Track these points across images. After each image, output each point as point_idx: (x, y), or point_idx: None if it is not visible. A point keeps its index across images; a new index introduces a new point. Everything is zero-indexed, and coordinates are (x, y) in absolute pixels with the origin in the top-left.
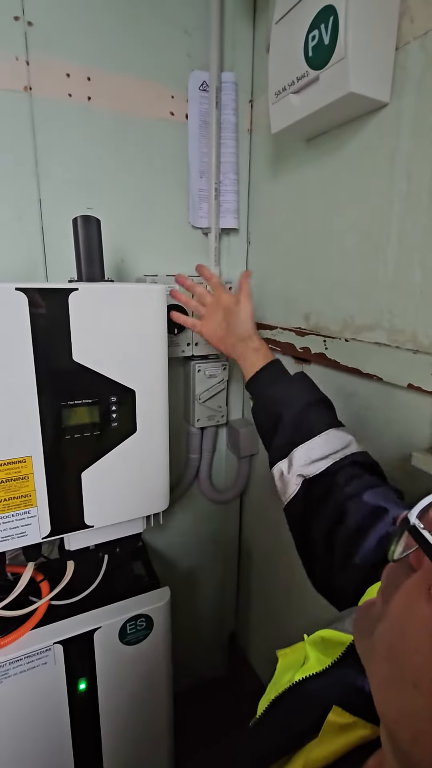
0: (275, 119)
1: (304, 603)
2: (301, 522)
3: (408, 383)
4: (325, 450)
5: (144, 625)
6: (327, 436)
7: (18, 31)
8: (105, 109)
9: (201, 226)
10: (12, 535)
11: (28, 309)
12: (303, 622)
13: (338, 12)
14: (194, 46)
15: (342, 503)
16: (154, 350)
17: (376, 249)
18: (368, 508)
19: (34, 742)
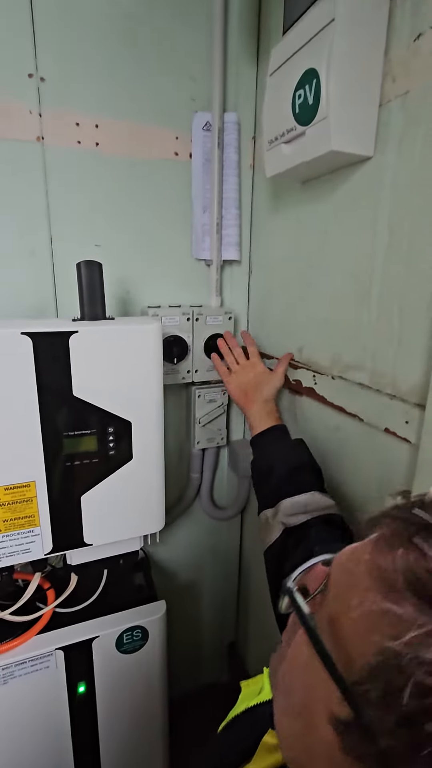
0: (269, 165)
1: None
2: (276, 564)
3: (385, 427)
4: (307, 506)
5: (140, 636)
6: (312, 495)
7: (32, 86)
8: (112, 153)
9: (204, 258)
10: (17, 551)
11: (32, 350)
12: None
13: (320, 75)
14: (198, 90)
15: (309, 554)
16: (150, 384)
17: (363, 292)
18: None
19: (37, 739)
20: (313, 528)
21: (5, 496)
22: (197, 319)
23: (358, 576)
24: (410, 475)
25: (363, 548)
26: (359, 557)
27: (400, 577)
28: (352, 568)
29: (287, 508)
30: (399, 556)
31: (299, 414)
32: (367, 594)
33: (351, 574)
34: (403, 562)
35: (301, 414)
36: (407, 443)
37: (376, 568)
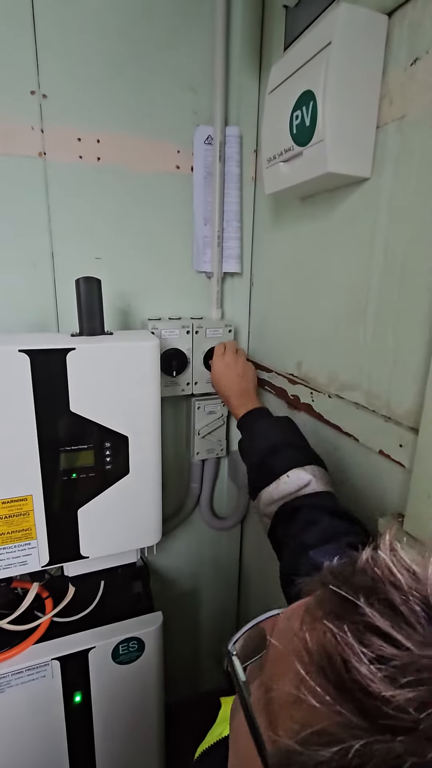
0: (268, 183)
1: None
2: (277, 548)
3: (379, 449)
4: (280, 493)
5: (136, 647)
6: (287, 478)
7: (34, 103)
8: (114, 168)
9: (204, 271)
10: (14, 564)
11: (29, 367)
12: None
13: (317, 98)
14: (200, 103)
15: (296, 555)
16: (147, 400)
17: (359, 311)
18: (314, 567)
19: (33, 748)
20: (298, 517)
21: (2, 510)
22: (197, 331)
23: (285, 647)
24: (403, 498)
25: (295, 616)
26: (290, 626)
27: (314, 656)
28: (283, 637)
29: (266, 499)
30: (315, 635)
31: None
32: (288, 669)
33: (281, 643)
34: (316, 641)
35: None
36: (401, 467)
37: (298, 642)
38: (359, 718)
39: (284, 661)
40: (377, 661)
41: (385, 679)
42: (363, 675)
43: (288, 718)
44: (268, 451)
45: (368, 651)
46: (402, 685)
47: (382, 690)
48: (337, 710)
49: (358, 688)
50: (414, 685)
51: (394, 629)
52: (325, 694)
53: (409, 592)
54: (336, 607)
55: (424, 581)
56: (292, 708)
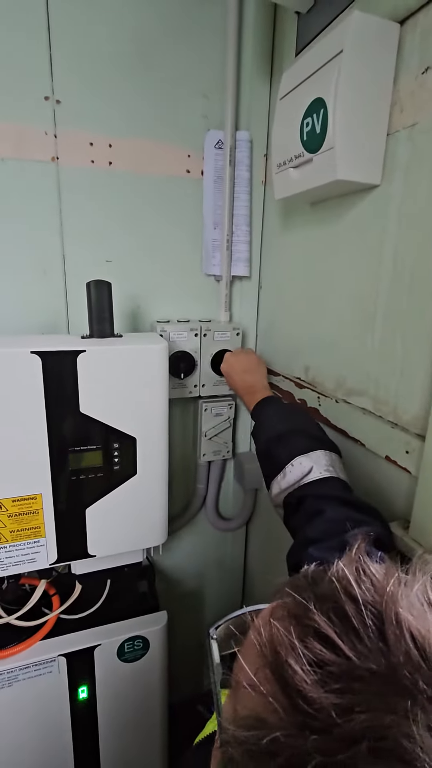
0: (278, 188)
1: None
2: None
3: (386, 455)
4: (286, 483)
5: (141, 645)
6: (291, 467)
7: (47, 109)
8: (125, 172)
9: (213, 274)
10: (23, 561)
11: (41, 369)
12: None
13: (327, 106)
14: (211, 108)
15: (300, 550)
16: (155, 402)
17: (367, 318)
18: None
19: (39, 741)
20: (303, 507)
21: (12, 508)
22: (205, 334)
23: (250, 640)
24: (409, 505)
25: (267, 612)
26: (261, 622)
27: (265, 651)
28: (252, 632)
29: (275, 489)
30: (268, 631)
31: None
32: (249, 662)
33: (249, 639)
34: (267, 637)
35: None
36: (407, 473)
37: (256, 635)
38: (286, 712)
39: (248, 654)
40: (315, 664)
41: (318, 682)
42: (298, 674)
43: (238, 703)
44: (274, 440)
45: (308, 653)
46: (331, 690)
47: (311, 691)
48: (269, 701)
49: (293, 685)
50: (342, 692)
51: (339, 638)
52: (266, 687)
53: (364, 605)
54: (294, 609)
55: (381, 596)
56: (241, 694)
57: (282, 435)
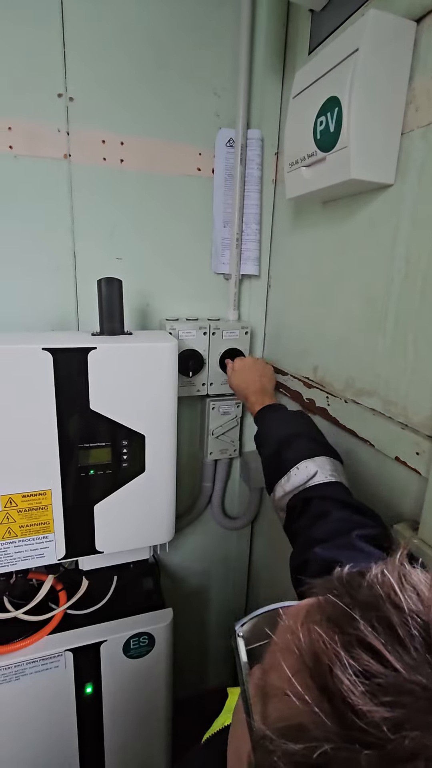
0: (290, 187)
1: None
2: (292, 538)
3: (396, 456)
4: (291, 485)
5: (146, 642)
6: (296, 470)
7: (60, 106)
8: (136, 170)
9: (223, 272)
10: (32, 556)
11: (52, 365)
12: None
13: (342, 104)
14: (222, 106)
15: (305, 549)
16: (164, 399)
17: (378, 318)
18: (324, 563)
19: (45, 734)
20: (308, 510)
21: (22, 503)
22: (214, 333)
23: (281, 642)
24: (419, 506)
25: (296, 615)
26: (290, 624)
27: (305, 656)
28: (282, 632)
29: (279, 492)
30: (309, 637)
31: None
32: (279, 665)
33: (280, 637)
34: (308, 644)
35: None
36: (417, 474)
37: (292, 639)
38: (333, 723)
39: (279, 655)
40: (362, 675)
41: (366, 693)
42: (345, 685)
43: (273, 708)
44: (279, 443)
45: (355, 663)
46: (381, 703)
47: (360, 703)
48: (314, 710)
49: (339, 695)
50: (392, 706)
51: (385, 648)
52: (307, 694)
53: (409, 615)
54: (334, 615)
55: (427, 605)
56: (278, 700)
57: (287, 439)
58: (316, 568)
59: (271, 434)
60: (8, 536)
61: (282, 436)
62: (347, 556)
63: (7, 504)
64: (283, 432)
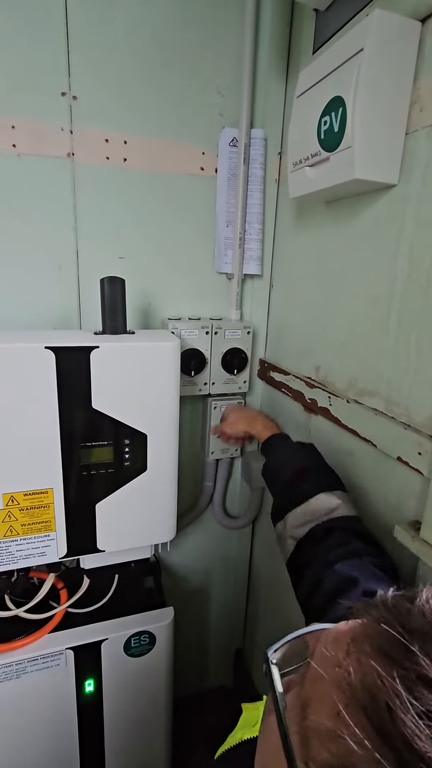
0: (293, 187)
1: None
2: (298, 575)
3: (398, 456)
4: (314, 513)
5: (147, 640)
6: (316, 501)
7: (64, 105)
8: (139, 169)
9: (225, 272)
10: (33, 554)
11: (54, 364)
12: None
13: (347, 105)
14: (226, 105)
15: (320, 570)
16: (167, 399)
17: (381, 319)
18: (341, 579)
19: (45, 731)
20: (327, 540)
21: (24, 501)
22: (216, 332)
23: (326, 673)
24: (420, 506)
25: (339, 643)
26: (333, 653)
27: (357, 693)
28: (325, 662)
29: (294, 520)
30: (360, 672)
31: (313, 432)
32: (327, 697)
33: (323, 668)
34: (360, 678)
35: (315, 432)
36: (419, 474)
37: (341, 673)
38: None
39: (323, 688)
40: (426, 717)
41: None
42: (408, 728)
43: (324, 749)
44: (296, 473)
45: (417, 704)
46: None
47: (429, 749)
48: (375, 757)
49: (401, 740)
50: None
51: None
52: (364, 736)
53: None
54: (387, 646)
55: None
56: (328, 740)
57: (304, 470)
58: (332, 586)
59: (287, 463)
60: (10, 534)
61: (298, 467)
62: (364, 576)
63: (8, 502)
64: (299, 462)
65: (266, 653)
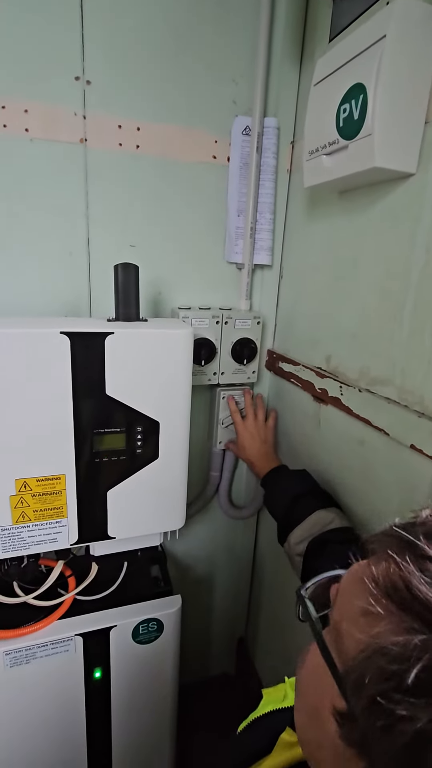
0: (308, 176)
1: None
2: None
3: (411, 444)
4: (311, 529)
5: (155, 627)
6: (313, 517)
7: (78, 89)
8: (152, 156)
9: (236, 262)
10: (45, 540)
11: (69, 349)
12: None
13: (368, 91)
14: (240, 93)
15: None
16: (180, 386)
17: (395, 309)
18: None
19: (54, 716)
20: (326, 552)
21: (37, 488)
22: (226, 322)
23: (353, 587)
24: None
25: (360, 565)
26: (356, 573)
27: (380, 583)
28: (351, 583)
29: (295, 539)
30: (381, 568)
31: (323, 422)
32: (355, 601)
33: (349, 587)
34: (382, 572)
35: (325, 422)
36: None
37: (365, 578)
38: (419, 623)
39: (352, 593)
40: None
41: None
42: (423, 593)
43: (350, 643)
44: (294, 499)
45: (426, 576)
46: None
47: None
48: (400, 617)
49: (419, 603)
50: None
51: None
52: (386, 612)
53: None
54: (398, 546)
55: None
56: (360, 620)
57: (300, 495)
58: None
59: (285, 492)
60: (22, 520)
61: (294, 494)
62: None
63: (21, 488)
64: (296, 489)
65: (299, 591)
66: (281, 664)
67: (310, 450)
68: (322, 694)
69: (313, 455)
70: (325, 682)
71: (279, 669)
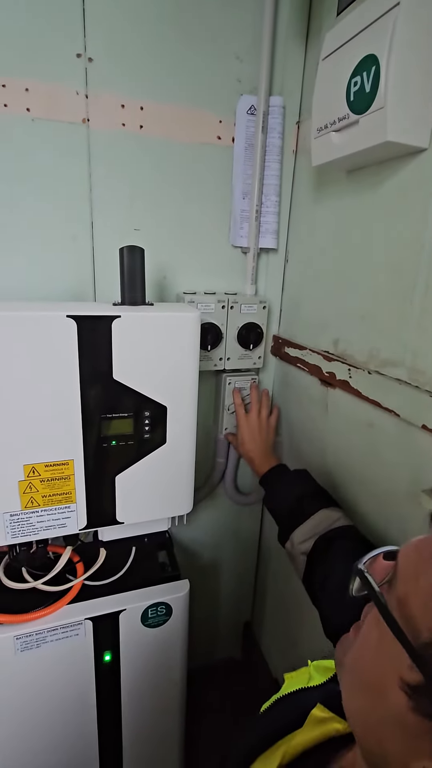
0: (316, 154)
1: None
2: (312, 592)
3: (422, 424)
4: (316, 528)
5: (164, 611)
6: (318, 515)
7: (79, 67)
8: (155, 136)
9: (241, 245)
10: (54, 526)
11: (76, 333)
12: (313, 619)
13: (380, 62)
14: (245, 71)
15: (333, 563)
16: (187, 371)
17: (406, 289)
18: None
19: (65, 700)
20: (332, 548)
21: (45, 473)
22: (232, 307)
23: (424, 560)
24: None
25: (428, 538)
26: (425, 545)
27: None
28: (419, 555)
29: (300, 537)
30: None
31: (330, 406)
32: (425, 575)
33: (418, 559)
34: None
35: (332, 406)
36: None
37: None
38: None
39: (422, 572)
40: None
41: None
42: None
43: (423, 620)
44: (296, 499)
45: None
46: None
47: None
48: None
49: None
50: None
51: None
52: None
53: None
54: None
55: None
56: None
57: (304, 494)
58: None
59: (286, 492)
60: (31, 506)
61: (297, 494)
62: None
63: (30, 473)
64: (296, 490)
65: (356, 566)
66: (287, 647)
67: (317, 435)
68: (386, 668)
69: (320, 440)
70: (388, 657)
71: (284, 652)
